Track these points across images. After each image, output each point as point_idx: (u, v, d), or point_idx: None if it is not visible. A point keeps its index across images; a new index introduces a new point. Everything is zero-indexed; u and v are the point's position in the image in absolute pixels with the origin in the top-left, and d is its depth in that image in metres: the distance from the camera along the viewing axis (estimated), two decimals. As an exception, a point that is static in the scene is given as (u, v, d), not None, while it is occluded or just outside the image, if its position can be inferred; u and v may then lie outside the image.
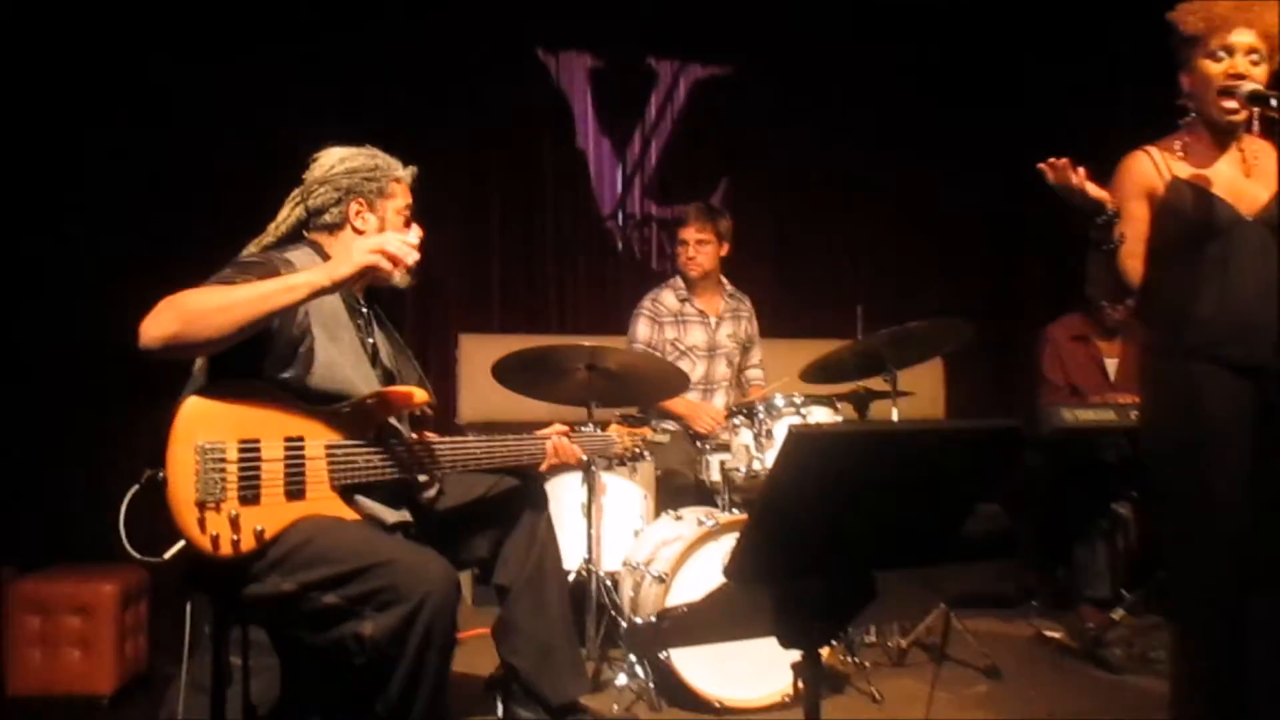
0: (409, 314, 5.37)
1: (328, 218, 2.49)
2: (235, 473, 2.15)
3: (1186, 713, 2.55)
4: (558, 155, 5.71)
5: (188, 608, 2.31)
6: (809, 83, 5.88)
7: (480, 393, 4.93)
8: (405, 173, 2.58)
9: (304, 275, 2.16)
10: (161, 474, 2.10)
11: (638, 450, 3.01)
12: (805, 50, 5.83)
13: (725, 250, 4.36)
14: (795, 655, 1.70)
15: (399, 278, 2.42)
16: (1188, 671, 2.57)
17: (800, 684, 1.73)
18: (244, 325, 2.10)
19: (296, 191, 2.54)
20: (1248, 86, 2.40)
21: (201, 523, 2.10)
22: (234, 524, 2.13)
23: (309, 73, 4.86)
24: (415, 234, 2.48)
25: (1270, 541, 2.42)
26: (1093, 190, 2.36)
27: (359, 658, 2.10)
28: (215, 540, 2.11)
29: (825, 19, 5.80)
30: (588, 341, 3.46)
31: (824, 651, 3.21)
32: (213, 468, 2.12)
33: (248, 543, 2.14)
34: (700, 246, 4.30)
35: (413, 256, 2.17)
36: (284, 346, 2.29)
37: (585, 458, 2.88)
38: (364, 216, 2.50)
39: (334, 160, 2.52)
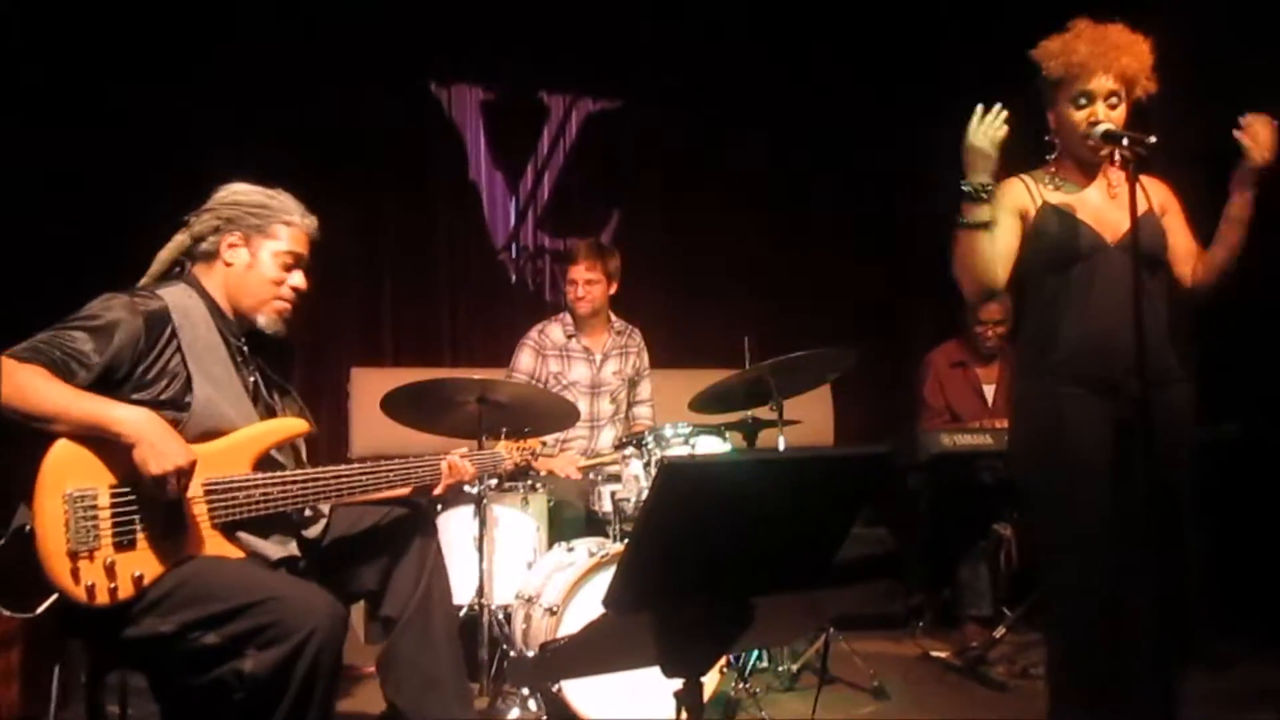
0: (301, 347, 5.30)
1: (205, 245, 2.44)
2: (109, 519, 2.09)
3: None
4: (450, 188, 5.73)
5: (55, 669, 2.23)
6: (698, 118, 5.99)
7: (373, 426, 4.87)
8: (301, 220, 2.50)
9: (122, 414, 2.11)
10: (29, 525, 2.03)
11: (527, 462, 3.02)
12: (693, 86, 5.94)
13: (614, 288, 4.40)
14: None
15: (265, 321, 2.45)
16: (1064, 684, 2.66)
17: (683, 712, 1.76)
18: (34, 425, 2.07)
19: (187, 216, 2.49)
20: (1102, 127, 2.54)
21: (75, 573, 2.04)
22: (110, 571, 2.07)
23: (196, 106, 4.77)
24: (293, 282, 2.47)
25: (1131, 554, 2.53)
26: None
27: (238, 693, 2.06)
28: (91, 590, 2.05)
29: (712, 57, 5.92)
30: (478, 374, 3.47)
31: (715, 677, 3.28)
32: (84, 515, 2.06)
33: (126, 589, 2.09)
34: (589, 286, 4.32)
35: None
36: (159, 388, 2.25)
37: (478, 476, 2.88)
38: (236, 251, 2.44)
39: (228, 191, 2.48)
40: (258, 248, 2.45)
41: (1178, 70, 2.70)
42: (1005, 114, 2.45)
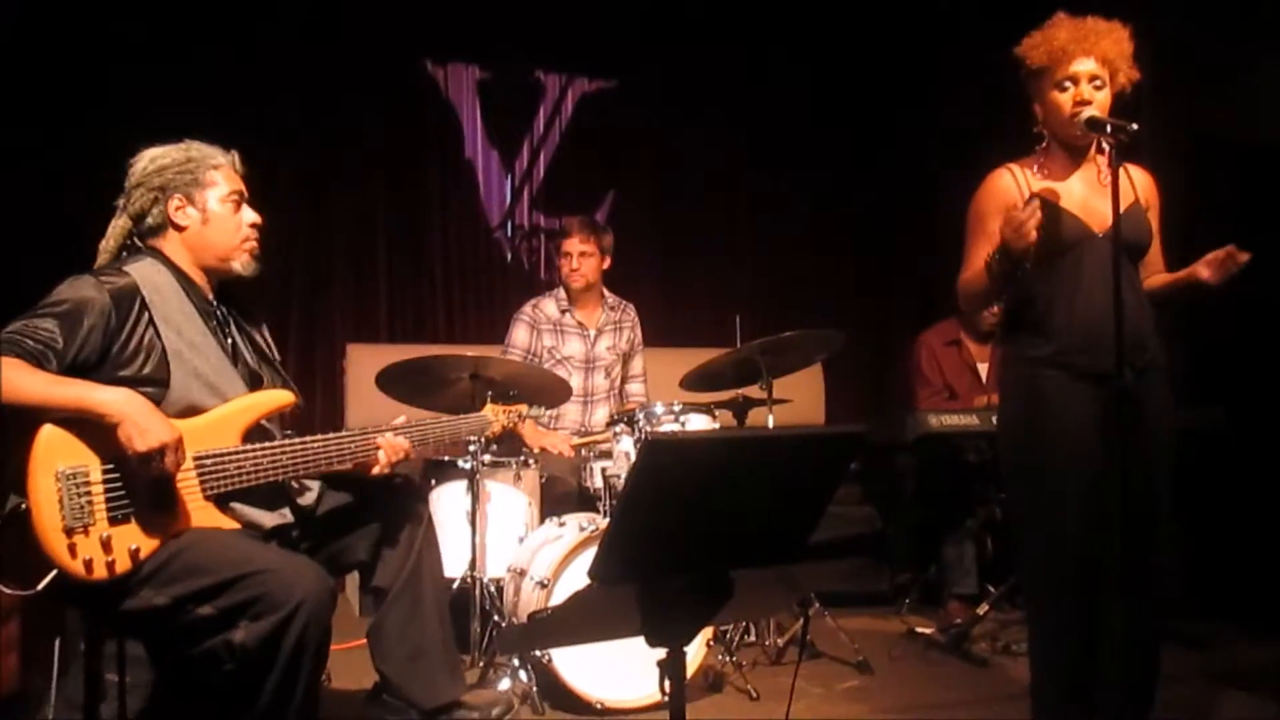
0: (295, 322, 5.34)
1: (150, 221, 2.44)
2: (101, 494, 2.14)
3: (1043, 701, 2.70)
4: (446, 166, 5.74)
5: (57, 641, 2.27)
6: (691, 98, 6.03)
7: (367, 402, 4.87)
8: (224, 158, 2.51)
9: (105, 396, 2.14)
10: (24, 504, 2.07)
11: (515, 424, 3.06)
12: (688, 66, 5.97)
13: (607, 264, 4.46)
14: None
15: (240, 266, 2.48)
16: (1044, 660, 2.71)
17: (667, 680, 1.81)
18: (21, 415, 2.11)
19: (118, 201, 2.48)
20: (1086, 113, 2.56)
21: (72, 549, 2.09)
22: (106, 546, 2.12)
23: (190, 86, 4.77)
24: (249, 220, 2.50)
25: (1114, 539, 2.58)
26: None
27: (228, 664, 2.11)
28: (89, 564, 2.10)
29: (708, 37, 5.95)
30: (471, 351, 3.51)
31: (703, 651, 3.34)
32: (77, 492, 2.10)
33: (123, 563, 2.14)
34: (583, 259, 4.37)
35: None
36: (138, 364, 2.28)
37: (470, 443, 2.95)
38: (185, 211, 2.44)
39: (145, 161, 2.47)
40: (204, 201, 2.46)
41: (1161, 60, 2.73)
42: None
